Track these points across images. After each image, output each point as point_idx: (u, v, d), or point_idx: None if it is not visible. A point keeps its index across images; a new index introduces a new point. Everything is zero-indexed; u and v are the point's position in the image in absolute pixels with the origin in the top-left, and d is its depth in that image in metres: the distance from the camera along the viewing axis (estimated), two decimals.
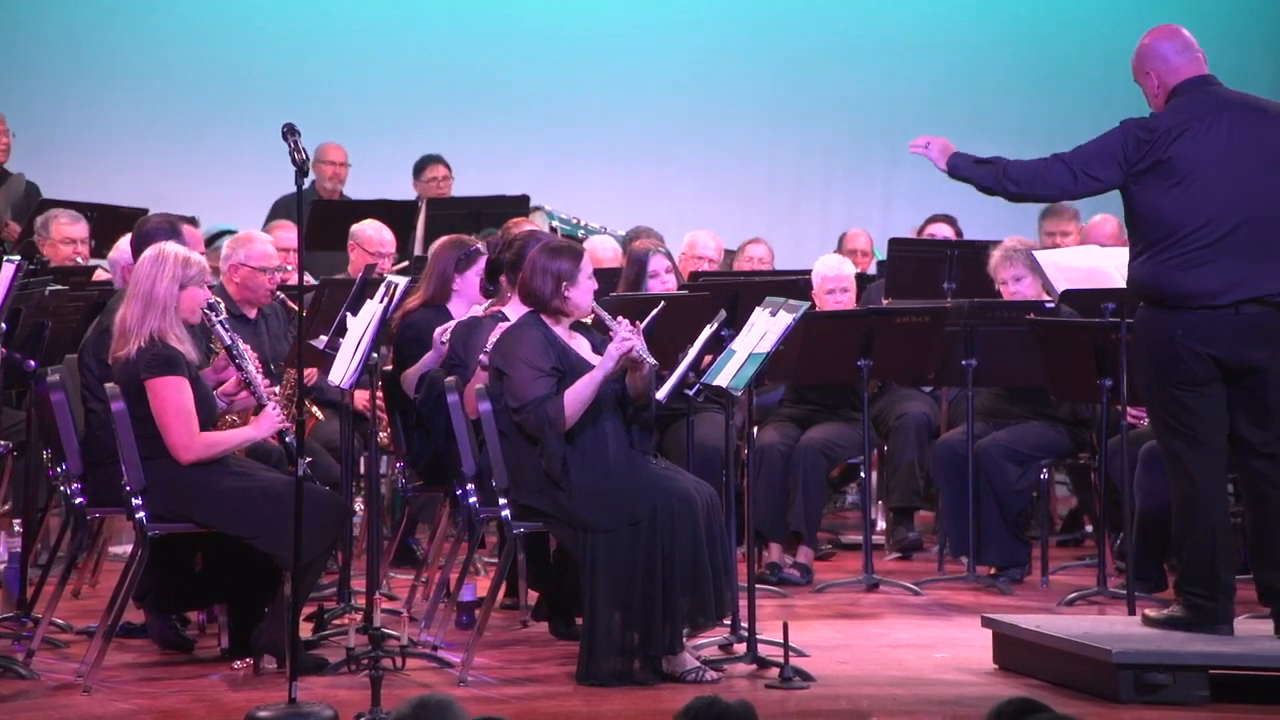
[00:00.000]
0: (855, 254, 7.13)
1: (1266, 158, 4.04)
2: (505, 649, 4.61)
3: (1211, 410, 4.07)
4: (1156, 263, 4.07)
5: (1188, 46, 4.17)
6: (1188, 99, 4.11)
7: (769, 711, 3.91)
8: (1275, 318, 4.02)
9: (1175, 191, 4.05)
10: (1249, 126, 4.06)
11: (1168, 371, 4.09)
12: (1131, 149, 4.09)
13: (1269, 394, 4.03)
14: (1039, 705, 2.65)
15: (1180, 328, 4.05)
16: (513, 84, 8.87)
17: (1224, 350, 4.03)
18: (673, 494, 4.26)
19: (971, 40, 8.70)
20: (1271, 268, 4.01)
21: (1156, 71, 4.17)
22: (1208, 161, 4.04)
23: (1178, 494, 4.14)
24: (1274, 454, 4.05)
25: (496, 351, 4.38)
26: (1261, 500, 4.07)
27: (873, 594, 5.45)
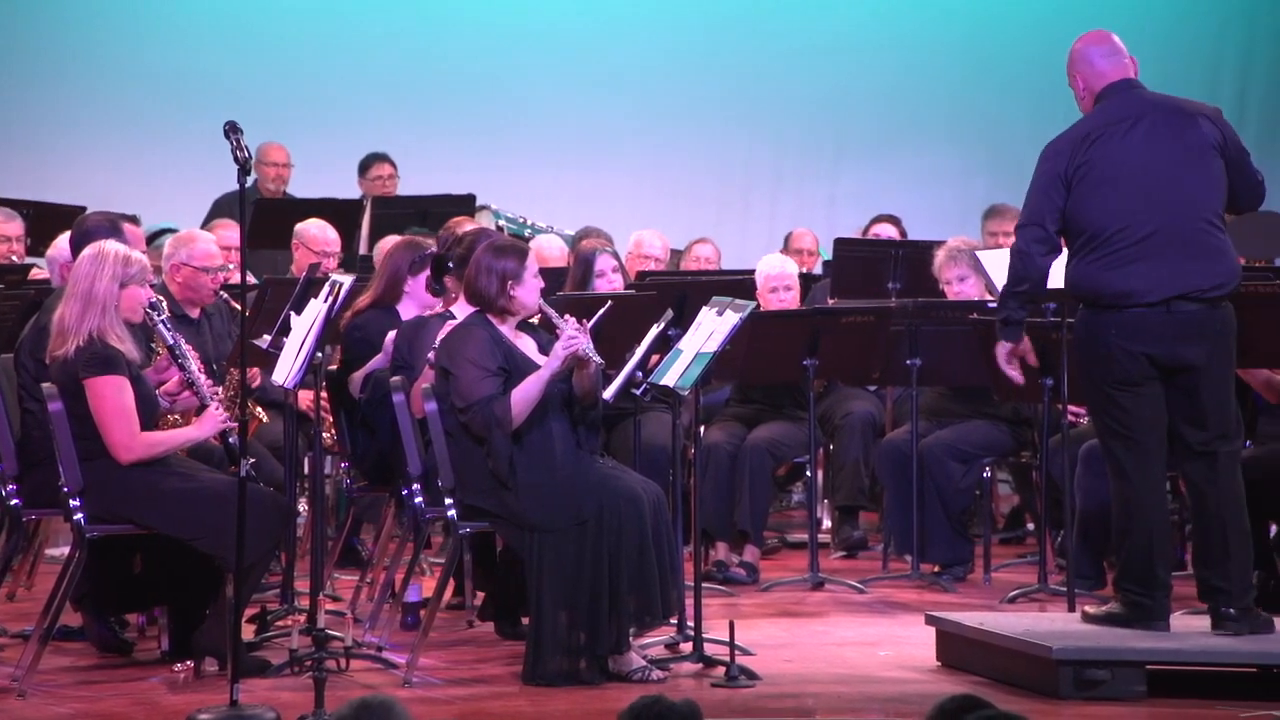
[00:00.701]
0: (801, 254, 7.17)
1: (1185, 157, 4.10)
2: (451, 649, 4.59)
3: (1148, 410, 4.11)
4: (1087, 263, 4.13)
5: (1115, 51, 4.23)
6: (1109, 103, 4.18)
7: (714, 710, 3.92)
8: (1207, 314, 4.06)
9: (1098, 193, 4.10)
10: (1168, 127, 4.12)
11: (1104, 372, 4.14)
12: (1062, 165, 4.15)
13: (1203, 393, 4.08)
14: (981, 702, 2.67)
15: (1114, 328, 4.10)
16: (459, 83, 8.83)
17: (1158, 348, 4.08)
18: (619, 493, 4.26)
19: (916, 42, 8.76)
20: (1197, 264, 4.07)
21: (1083, 76, 4.24)
22: (1127, 163, 4.10)
23: (1117, 493, 4.19)
24: (1211, 453, 4.09)
25: (443, 351, 4.36)
26: (1200, 499, 4.13)
27: (818, 592, 5.48)
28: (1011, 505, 6.66)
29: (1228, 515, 4.09)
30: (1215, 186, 4.11)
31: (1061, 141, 4.20)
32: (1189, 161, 4.10)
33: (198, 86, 8.51)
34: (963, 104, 8.71)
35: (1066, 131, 4.22)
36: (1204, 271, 4.07)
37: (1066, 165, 4.14)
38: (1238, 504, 4.10)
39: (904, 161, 8.70)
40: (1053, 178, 4.16)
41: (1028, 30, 8.72)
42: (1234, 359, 4.15)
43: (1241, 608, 4.05)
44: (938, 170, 8.68)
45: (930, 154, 8.71)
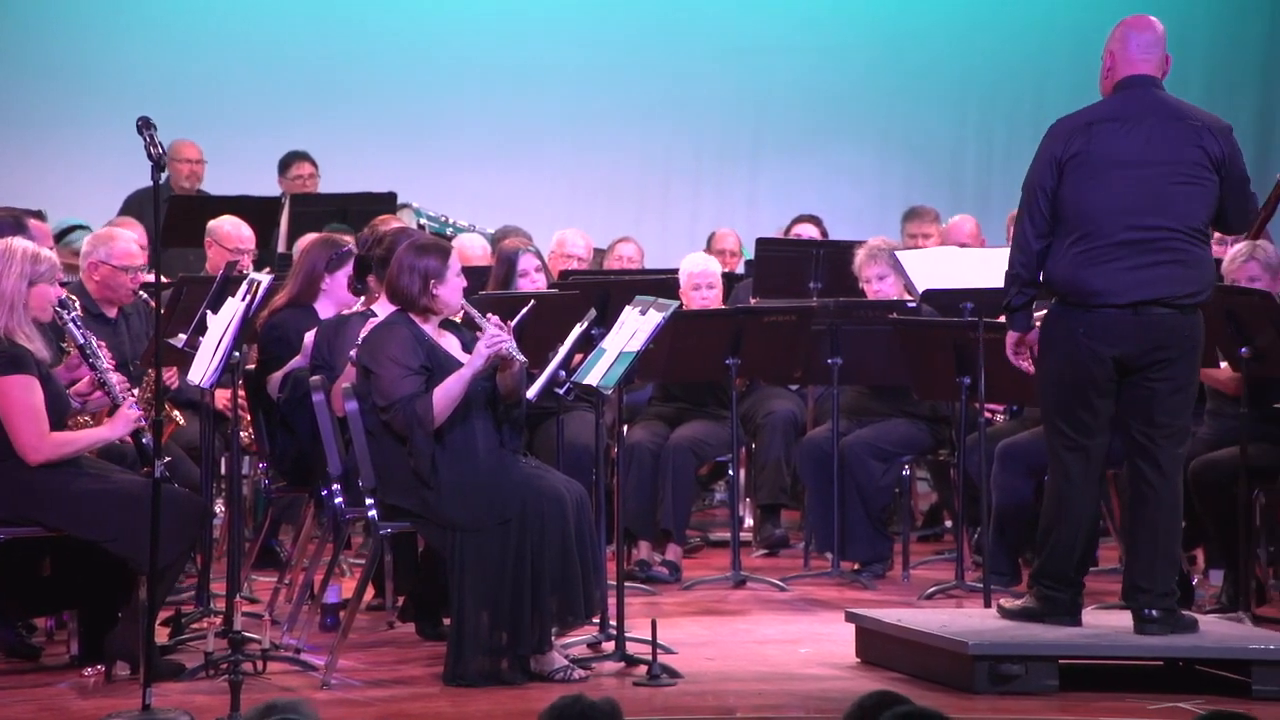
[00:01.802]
0: (724, 253, 7.19)
1: (1179, 167, 4.11)
2: (371, 650, 4.56)
3: (1103, 412, 4.14)
4: (1070, 257, 4.12)
5: (1154, 44, 4.20)
6: (1123, 95, 4.17)
7: (636, 709, 3.93)
8: (1174, 319, 4.09)
9: (1086, 185, 4.11)
10: (1170, 134, 4.13)
11: (1066, 369, 4.15)
12: (1059, 149, 4.14)
13: (1163, 396, 4.11)
14: (899, 698, 2.70)
15: (1083, 328, 4.11)
16: (380, 80, 8.75)
17: (1123, 350, 4.10)
18: (542, 493, 4.25)
19: (834, 44, 8.83)
20: (1172, 271, 4.09)
21: (1114, 57, 4.21)
22: (1120, 161, 4.11)
23: (1054, 488, 4.22)
24: (1156, 451, 4.12)
25: (364, 349, 4.32)
26: (1140, 500, 4.16)
27: (740, 590, 5.51)
28: (930, 503, 6.74)
29: (1162, 517, 4.13)
30: (1204, 200, 4.12)
31: (1065, 124, 4.18)
32: (1181, 173, 4.10)
33: (107, 80, 8.36)
34: (880, 105, 8.80)
35: (1073, 114, 4.20)
36: (1178, 279, 4.09)
37: (1062, 150, 4.14)
38: (1175, 508, 4.15)
39: (823, 162, 8.76)
40: (1048, 160, 4.15)
41: (944, 31, 8.83)
42: (1198, 366, 4.20)
43: (1164, 609, 4.12)
44: (857, 170, 8.76)
45: (849, 154, 8.78)
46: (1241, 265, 5.00)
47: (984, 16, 8.80)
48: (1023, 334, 4.25)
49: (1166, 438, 4.13)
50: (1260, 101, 8.49)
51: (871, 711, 2.68)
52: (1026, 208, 4.18)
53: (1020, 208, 4.22)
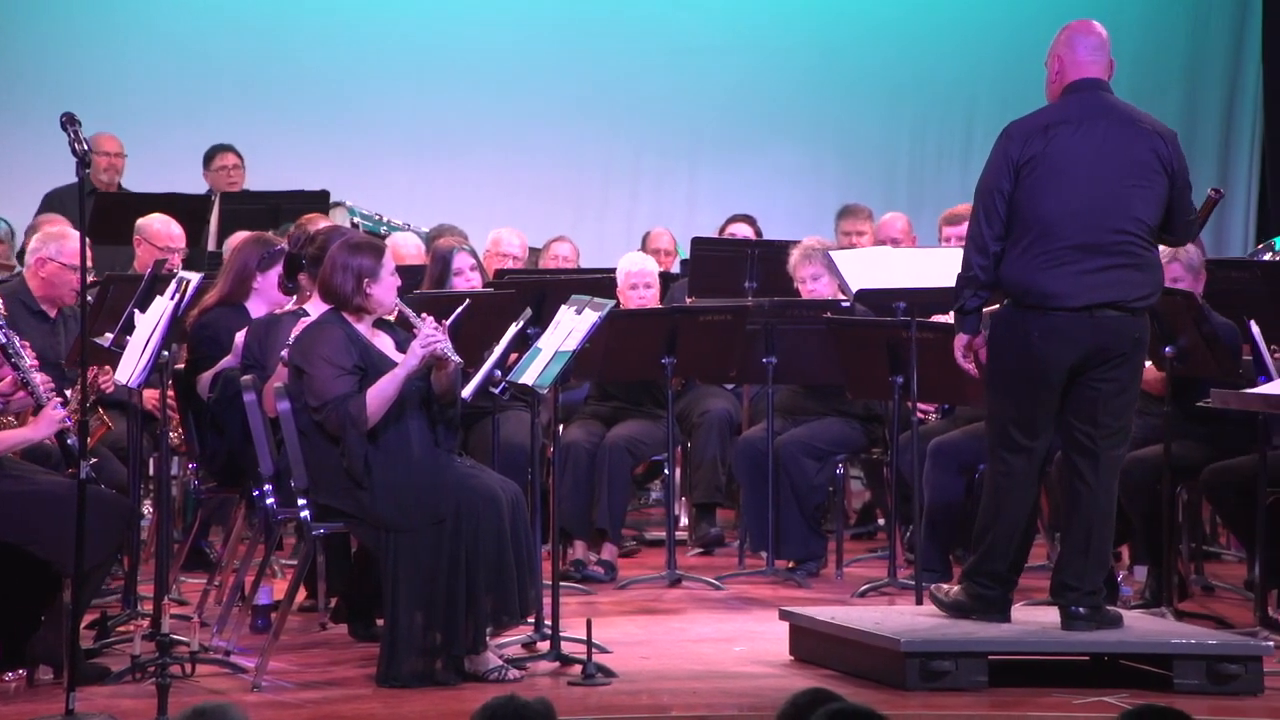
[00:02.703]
0: (659, 253, 7.20)
1: (1131, 170, 4.14)
2: (303, 652, 4.52)
3: (1049, 414, 4.17)
4: (1025, 259, 4.14)
5: (1100, 47, 4.24)
6: (1074, 99, 4.20)
7: (570, 708, 3.93)
8: (1124, 321, 4.13)
9: (1042, 189, 4.13)
10: (1122, 138, 4.16)
11: (1019, 371, 4.17)
12: (1015, 152, 4.16)
13: (1108, 397, 4.14)
14: (831, 695, 2.72)
15: (1037, 330, 4.13)
16: (312, 77, 8.65)
17: (1075, 353, 4.13)
18: (477, 492, 4.24)
19: (768, 44, 8.86)
20: (1125, 275, 4.13)
21: (1062, 61, 4.23)
22: (1075, 164, 4.13)
23: (993, 487, 4.25)
24: (1096, 451, 4.16)
25: (296, 349, 4.29)
26: (1074, 496, 4.21)
27: (675, 589, 5.52)
28: (863, 501, 6.80)
29: (1096, 517, 4.18)
30: (1155, 204, 4.16)
31: (1020, 127, 4.20)
32: (1135, 175, 4.14)
33: (24, 75, 8.19)
34: (814, 105, 8.84)
35: (1028, 117, 4.23)
36: (1132, 282, 4.13)
37: (1020, 153, 4.15)
38: (1109, 508, 4.20)
39: (758, 162, 8.80)
40: (1005, 163, 4.17)
41: (877, 32, 8.90)
42: (1142, 368, 4.25)
43: (1091, 606, 4.17)
44: (791, 170, 8.80)
45: (783, 154, 8.83)
46: (1165, 266, 5.08)
47: (916, 20, 8.88)
48: (972, 337, 4.26)
49: (1107, 438, 4.18)
50: (1184, 105, 8.64)
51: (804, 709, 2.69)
52: (983, 211, 4.19)
53: (975, 212, 4.22)
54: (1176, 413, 4.91)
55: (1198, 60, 8.73)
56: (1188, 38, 8.73)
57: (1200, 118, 8.67)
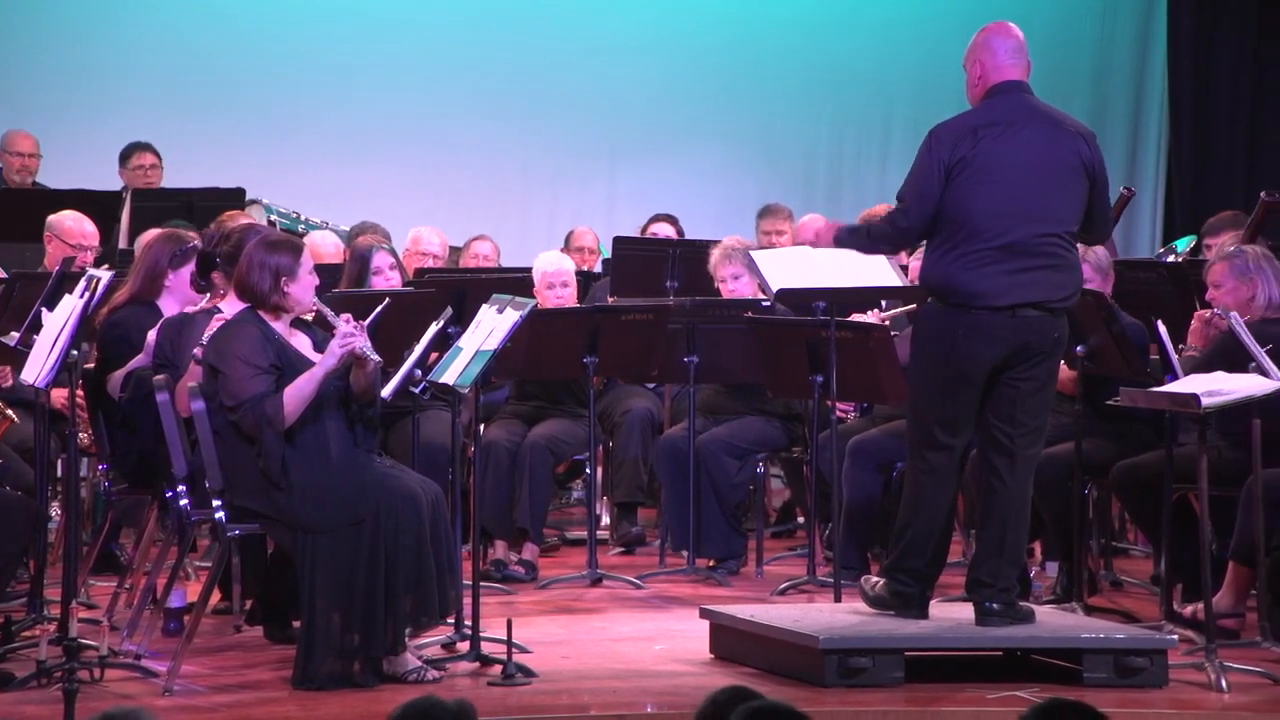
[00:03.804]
0: (582, 251, 7.20)
1: (1055, 171, 4.20)
2: (216, 655, 4.46)
3: (971, 412, 4.23)
4: (946, 260, 4.20)
5: (1019, 50, 4.29)
6: (997, 101, 4.25)
7: (490, 708, 3.91)
8: (1047, 322, 4.19)
9: (970, 191, 4.18)
10: (1045, 139, 4.21)
11: (942, 369, 4.23)
12: (945, 154, 4.21)
13: (1026, 396, 4.20)
14: (750, 693, 2.73)
15: (962, 329, 4.18)
16: (226, 72, 8.52)
17: (999, 351, 4.19)
18: (397, 492, 4.21)
19: (688, 44, 8.88)
20: (1047, 275, 4.18)
21: (983, 65, 4.28)
22: (1002, 166, 4.18)
23: (914, 486, 4.29)
24: (1013, 450, 4.22)
25: (211, 348, 4.23)
26: (989, 493, 4.26)
27: (596, 589, 5.52)
28: (783, 500, 6.85)
29: (1011, 515, 4.24)
30: (1076, 205, 4.22)
31: (948, 129, 4.25)
32: (1057, 176, 4.19)
33: None
34: (734, 106, 8.88)
35: (955, 119, 4.27)
36: (1054, 283, 4.19)
37: (949, 155, 4.20)
38: (1023, 506, 4.26)
39: (679, 161, 8.82)
40: (933, 165, 4.21)
41: (797, 33, 8.96)
42: (1058, 367, 4.32)
43: (1005, 603, 4.23)
44: (711, 170, 8.83)
45: (704, 154, 8.86)
46: None
47: (835, 21, 8.95)
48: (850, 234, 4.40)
49: (1024, 436, 4.24)
50: (1093, 108, 8.80)
51: (724, 707, 2.70)
52: (910, 211, 4.23)
53: (897, 211, 4.27)
54: (1087, 411, 5.01)
55: (1105, 65, 8.90)
56: (1095, 42, 8.89)
57: (1108, 121, 8.84)
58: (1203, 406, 4.30)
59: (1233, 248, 5.18)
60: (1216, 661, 4.17)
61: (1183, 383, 4.47)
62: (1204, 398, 4.30)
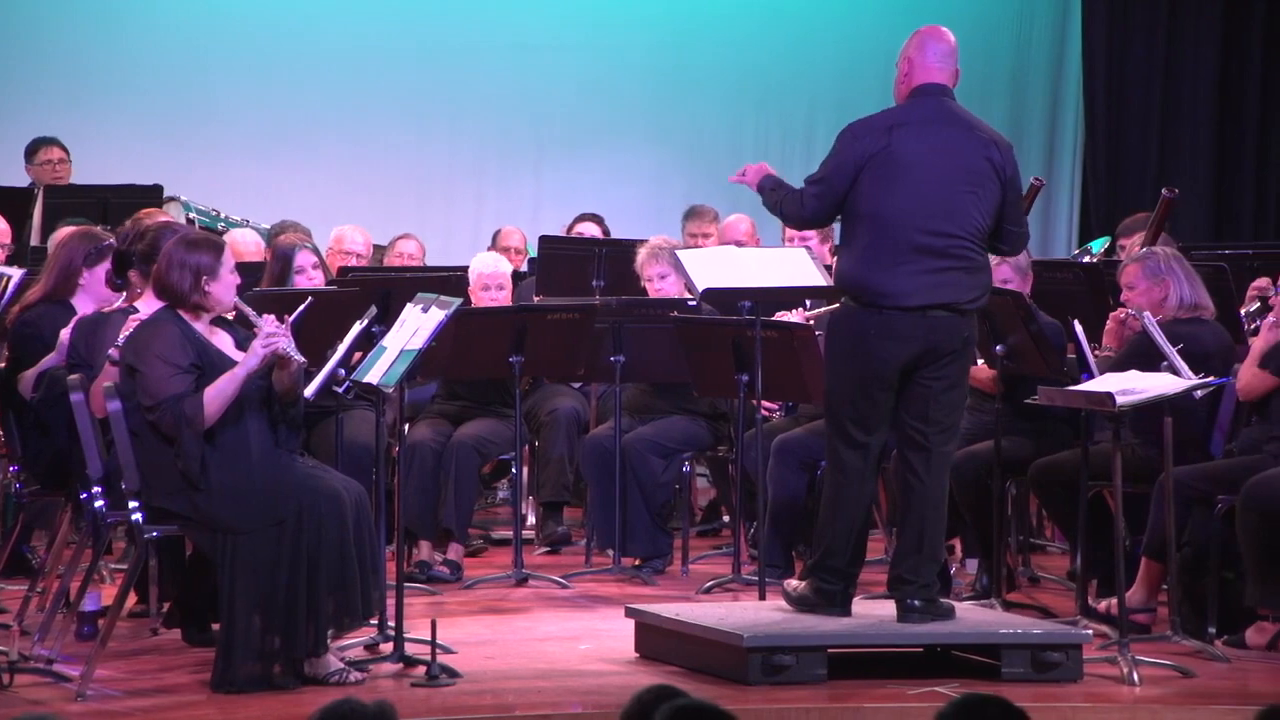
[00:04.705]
0: (509, 251, 7.18)
1: (968, 176, 4.25)
2: (132, 659, 4.39)
3: (883, 413, 4.28)
4: (858, 259, 4.25)
5: (949, 55, 4.34)
6: (918, 103, 4.30)
7: (413, 710, 3.89)
8: (954, 321, 4.25)
9: (883, 191, 4.22)
10: (961, 144, 4.27)
11: (854, 370, 4.28)
12: (858, 150, 4.25)
13: (938, 394, 4.26)
14: (675, 692, 2.74)
15: (873, 328, 4.23)
16: (143, 67, 8.36)
17: (908, 350, 4.24)
18: (319, 493, 4.17)
19: (613, 42, 8.88)
20: (958, 278, 4.24)
21: (910, 63, 4.33)
22: (916, 168, 4.23)
23: (832, 485, 4.34)
24: (928, 447, 4.28)
25: (129, 347, 4.17)
26: (908, 491, 4.32)
27: (522, 588, 5.51)
28: (709, 498, 6.88)
29: (929, 511, 4.30)
30: (987, 210, 4.28)
31: (863, 126, 4.28)
32: (971, 181, 4.25)
33: None
34: (660, 104, 8.89)
35: (871, 117, 4.31)
36: (964, 285, 4.25)
37: (862, 152, 4.24)
38: (940, 502, 4.32)
39: (604, 161, 8.81)
40: (844, 162, 4.25)
41: (721, 33, 8.99)
42: (969, 366, 4.39)
43: (926, 599, 4.29)
44: (637, 170, 8.84)
45: (630, 153, 8.87)
46: (995, 268, 5.27)
47: (760, 22, 9.00)
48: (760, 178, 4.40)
49: (938, 434, 4.30)
50: (1011, 111, 8.95)
51: (648, 705, 2.71)
52: (814, 200, 4.29)
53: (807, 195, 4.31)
54: (1006, 409, 5.09)
55: (1022, 68, 9.03)
56: (1013, 46, 9.03)
57: (1025, 124, 8.98)
58: (1117, 405, 4.39)
59: (1145, 249, 5.29)
60: (1129, 655, 4.26)
61: (1098, 382, 4.56)
62: (1118, 396, 4.39)
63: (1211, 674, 4.35)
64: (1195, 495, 4.73)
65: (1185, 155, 8.74)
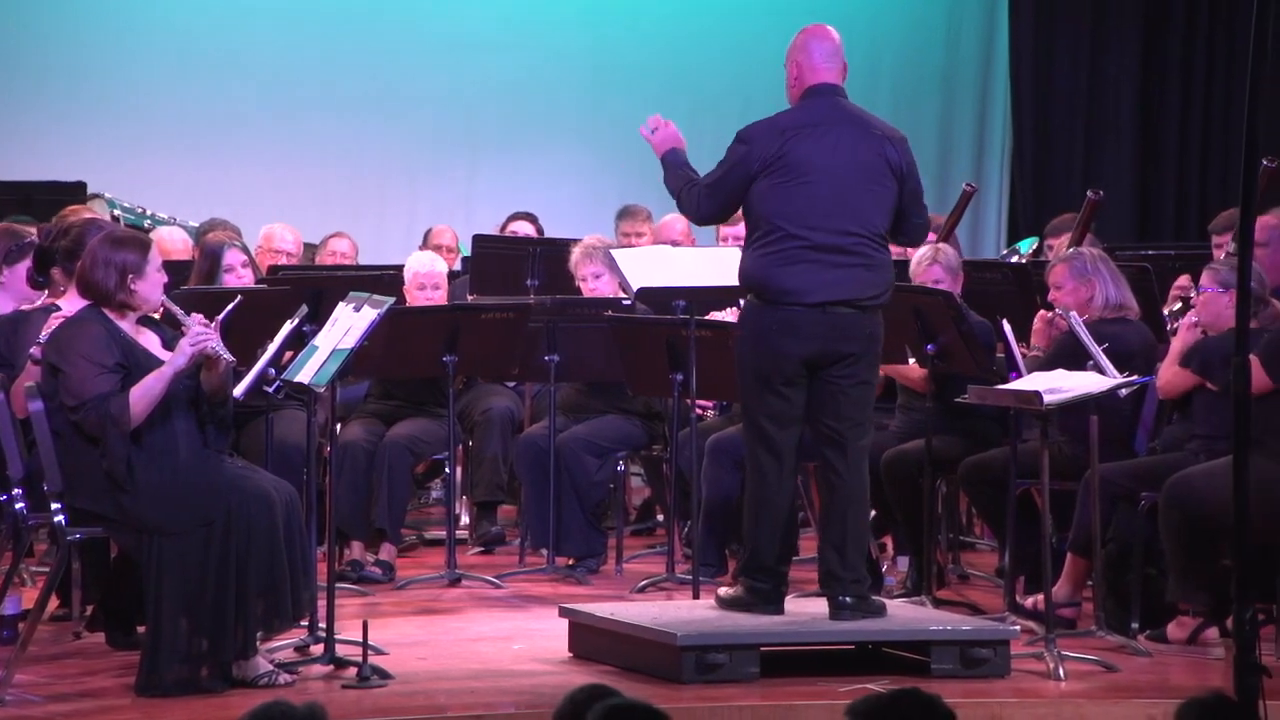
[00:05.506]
0: (441, 250, 7.13)
1: (864, 174, 4.30)
2: (54, 663, 4.32)
3: (793, 410, 4.32)
4: (760, 257, 4.29)
5: (834, 53, 4.38)
6: (811, 104, 4.34)
7: (344, 712, 3.86)
8: (856, 318, 4.30)
9: (782, 192, 4.27)
10: (855, 141, 4.31)
11: (759, 367, 4.31)
12: (754, 154, 4.29)
13: (847, 389, 4.31)
14: (608, 691, 2.74)
15: (775, 324, 4.27)
16: (65, 60, 8.20)
17: (811, 347, 4.28)
18: (248, 493, 4.13)
19: (545, 41, 8.85)
20: (856, 274, 4.29)
21: (800, 67, 4.38)
22: (814, 168, 4.27)
23: (753, 485, 4.38)
24: (843, 442, 4.33)
25: (52, 346, 4.10)
26: (830, 489, 4.36)
27: (455, 589, 5.48)
28: (643, 498, 6.88)
29: (851, 504, 4.34)
30: (885, 206, 4.33)
31: (758, 130, 4.32)
32: (867, 178, 4.30)
33: None
34: (594, 103, 8.88)
35: (765, 121, 4.35)
36: (864, 282, 4.29)
37: (758, 156, 4.28)
38: (861, 494, 4.37)
39: (538, 160, 8.79)
40: (740, 166, 4.30)
41: (656, 32, 9.00)
42: (878, 361, 4.43)
43: (857, 595, 4.32)
44: (571, 169, 8.82)
45: (563, 152, 8.85)
46: (927, 268, 5.34)
47: (695, 21, 9.03)
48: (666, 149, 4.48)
49: (852, 429, 4.35)
50: (940, 112, 9.05)
51: (581, 705, 2.71)
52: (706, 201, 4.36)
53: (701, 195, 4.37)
54: (937, 408, 5.14)
55: (952, 70, 9.13)
56: (943, 48, 9.13)
57: (955, 125, 9.09)
58: (1045, 404, 4.45)
59: (1072, 250, 5.37)
60: (1055, 651, 4.32)
61: (1026, 381, 4.62)
62: (1046, 395, 4.45)
63: (1134, 668, 4.42)
64: (1120, 492, 4.81)
65: (1109, 158, 8.90)
